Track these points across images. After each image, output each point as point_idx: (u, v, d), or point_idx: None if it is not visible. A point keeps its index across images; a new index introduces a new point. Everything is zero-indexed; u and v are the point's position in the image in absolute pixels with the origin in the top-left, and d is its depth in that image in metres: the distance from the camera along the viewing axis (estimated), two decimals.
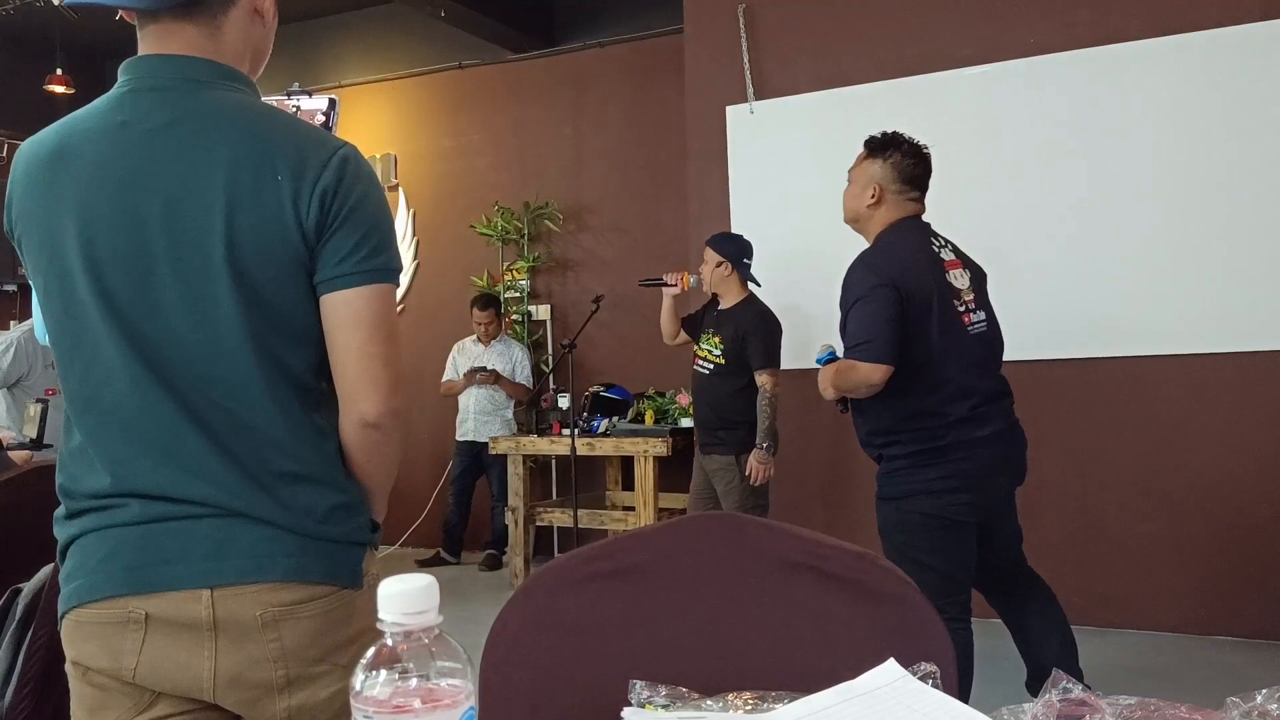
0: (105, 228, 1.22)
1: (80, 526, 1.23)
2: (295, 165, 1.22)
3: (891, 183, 2.87)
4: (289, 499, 1.23)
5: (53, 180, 1.24)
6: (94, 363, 1.23)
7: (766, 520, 1.15)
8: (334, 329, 1.25)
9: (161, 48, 1.27)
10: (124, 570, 1.20)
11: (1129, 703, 0.84)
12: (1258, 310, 4.26)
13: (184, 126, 1.23)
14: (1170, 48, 4.39)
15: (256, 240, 1.21)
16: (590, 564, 1.10)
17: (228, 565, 1.20)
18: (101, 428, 1.23)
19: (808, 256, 3.65)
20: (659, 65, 6.11)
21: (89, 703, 1.25)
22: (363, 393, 1.26)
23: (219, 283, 1.21)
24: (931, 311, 2.72)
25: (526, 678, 1.05)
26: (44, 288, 1.26)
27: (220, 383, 1.22)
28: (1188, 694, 0.91)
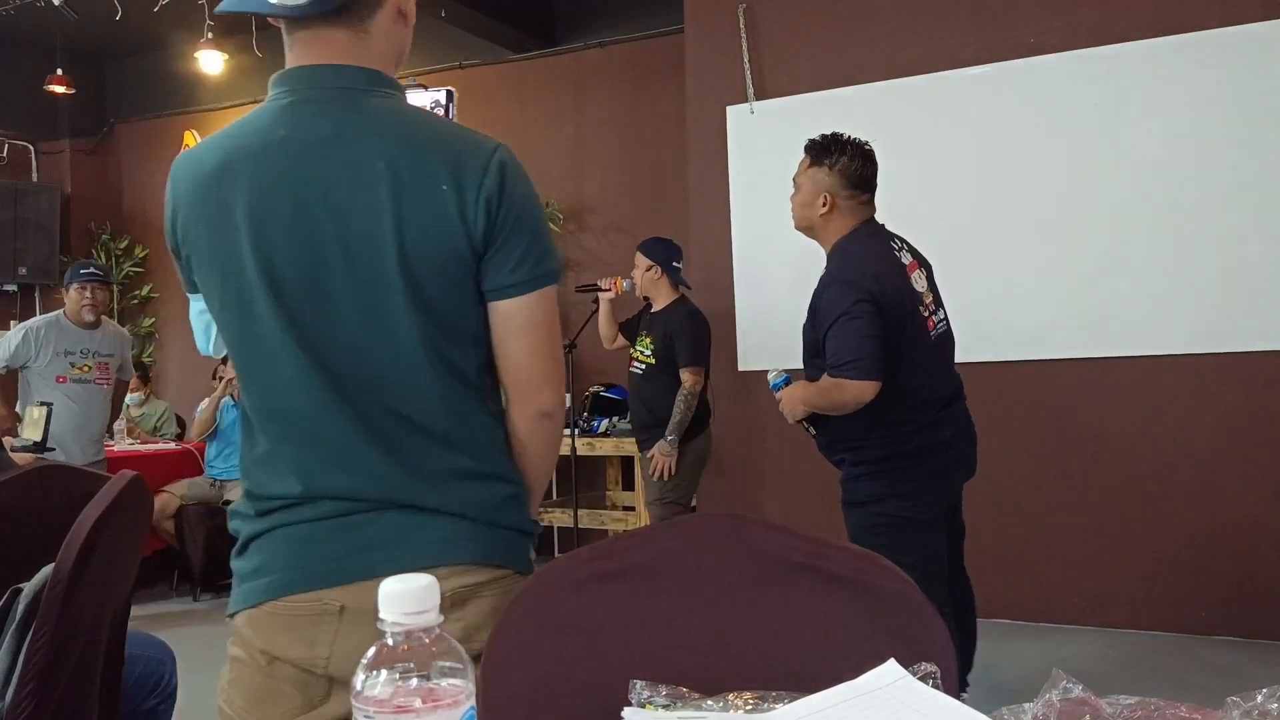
0: (280, 244, 1.24)
1: (270, 523, 1.28)
2: (456, 172, 1.24)
3: (841, 189, 2.83)
4: (466, 493, 1.29)
5: (221, 199, 1.25)
6: (275, 376, 1.26)
7: (767, 520, 1.15)
8: (510, 333, 1.31)
9: (314, 56, 1.29)
10: (319, 563, 1.25)
11: (1129, 703, 0.84)
12: (1258, 310, 4.26)
13: (345, 138, 1.25)
14: (1170, 48, 4.39)
15: (426, 249, 1.24)
16: (591, 564, 1.10)
17: (420, 550, 1.24)
18: (286, 437, 1.28)
19: (808, 257, 3.64)
20: (659, 65, 6.11)
21: (258, 692, 1.28)
22: (541, 387, 1.34)
23: (393, 292, 1.24)
24: (902, 320, 2.73)
25: (527, 678, 1.06)
26: (219, 304, 1.28)
27: (396, 389, 1.26)
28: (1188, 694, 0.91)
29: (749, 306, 5.21)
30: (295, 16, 1.27)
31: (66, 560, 1.43)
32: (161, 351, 8.02)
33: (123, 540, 1.63)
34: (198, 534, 5.57)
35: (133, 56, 7.89)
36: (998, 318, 4.69)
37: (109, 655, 1.70)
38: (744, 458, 5.24)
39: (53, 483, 1.83)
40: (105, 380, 4.88)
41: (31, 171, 7.82)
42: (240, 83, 7.38)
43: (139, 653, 2.04)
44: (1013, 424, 4.70)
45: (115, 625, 1.72)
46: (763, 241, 5.13)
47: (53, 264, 7.55)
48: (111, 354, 4.91)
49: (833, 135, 2.90)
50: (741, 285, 5.24)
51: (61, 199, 7.69)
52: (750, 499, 5.15)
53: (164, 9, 5.90)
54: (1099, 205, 4.52)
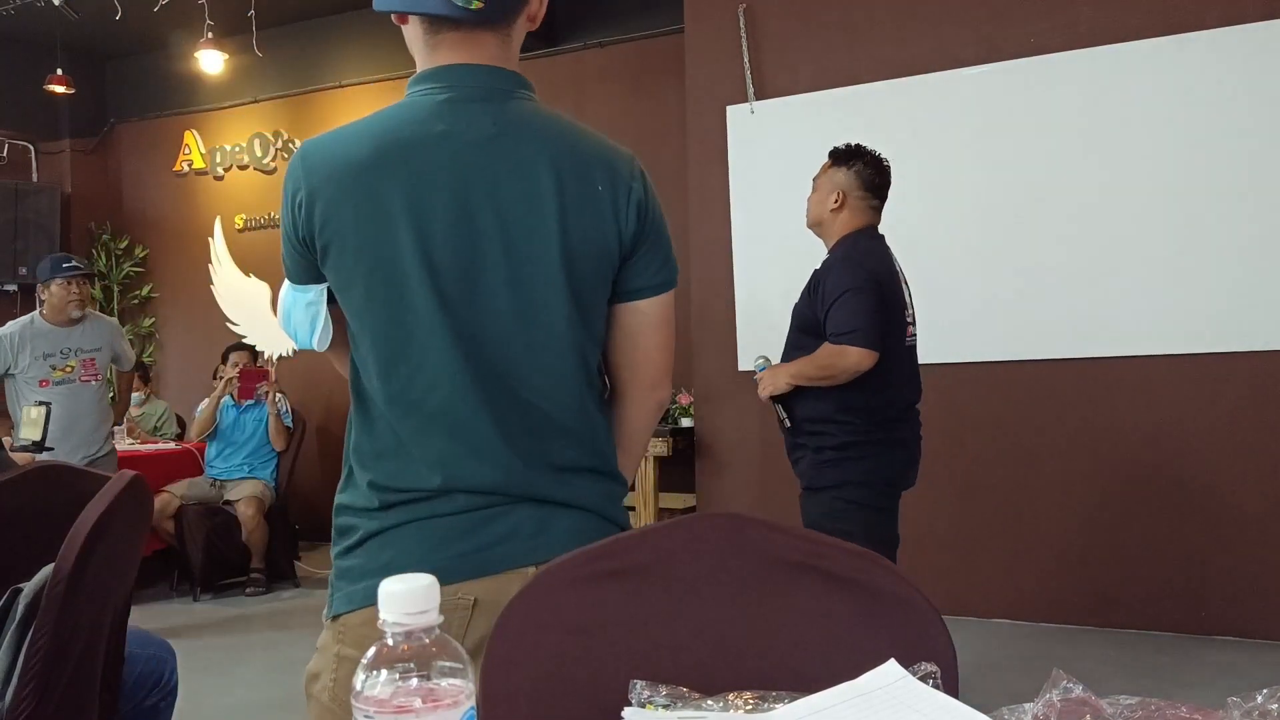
0: (441, 235, 1.25)
1: (399, 517, 1.28)
2: (610, 176, 1.31)
3: (854, 189, 3.01)
4: (589, 489, 1.33)
5: (375, 189, 1.25)
6: (422, 367, 1.27)
7: (767, 520, 1.15)
8: (648, 329, 1.38)
9: (467, 56, 1.30)
10: (457, 557, 1.25)
11: (1129, 703, 0.84)
12: (1259, 310, 4.27)
13: (507, 138, 1.28)
14: (1171, 48, 4.39)
15: (585, 248, 1.29)
16: (591, 564, 1.10)
17: (553, 541, 1.27)
18: (425, 430, 1.27)
19: (808, 256, 3.65)
20: (659, 65, 6.12)
21: None
22: (663, 379, 1.44)
23: (553, 289, 1.27)
24: (895, 315, 2.91)
25: (527, 677, 1.05)
26: (364, 293, 1.27)
27: (538, 384, 1.29)
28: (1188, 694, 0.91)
29: (749, 306, 5.21)
30: (455, 19, 1.28)
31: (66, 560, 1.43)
32: (161, 352, 8.02)
33: (123, 540, 1.64)
34: (198, 534, 5.57)
35: (133, 56, 7.89)
36: (997, 317, 4.69)
37: (109, 654, 1.70)
38: (744, 458, 5.24)
39: (53, 483, 1.83)
40: (92, 377, 4.73)
41: (31, 171, 7.82)
42: (240, 82, 7.38)
43: (139, 650, 2.04)
44: (1012, 423, 4.70)
45: (115, 625, 1.73)
46: (763, 241, 5.13)
47: None
48: (98, 348, 4.76)
49: (856, 145, 3.12)
50: (741, 285, 5.24)
51: (61, 199, 7.69)
52: (750, 499, 5.15)
53: (164, 9, 5.91)
54: (1099, 205, 4.52)
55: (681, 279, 5.11)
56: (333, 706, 1.30)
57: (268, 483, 5.87)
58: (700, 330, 5.38)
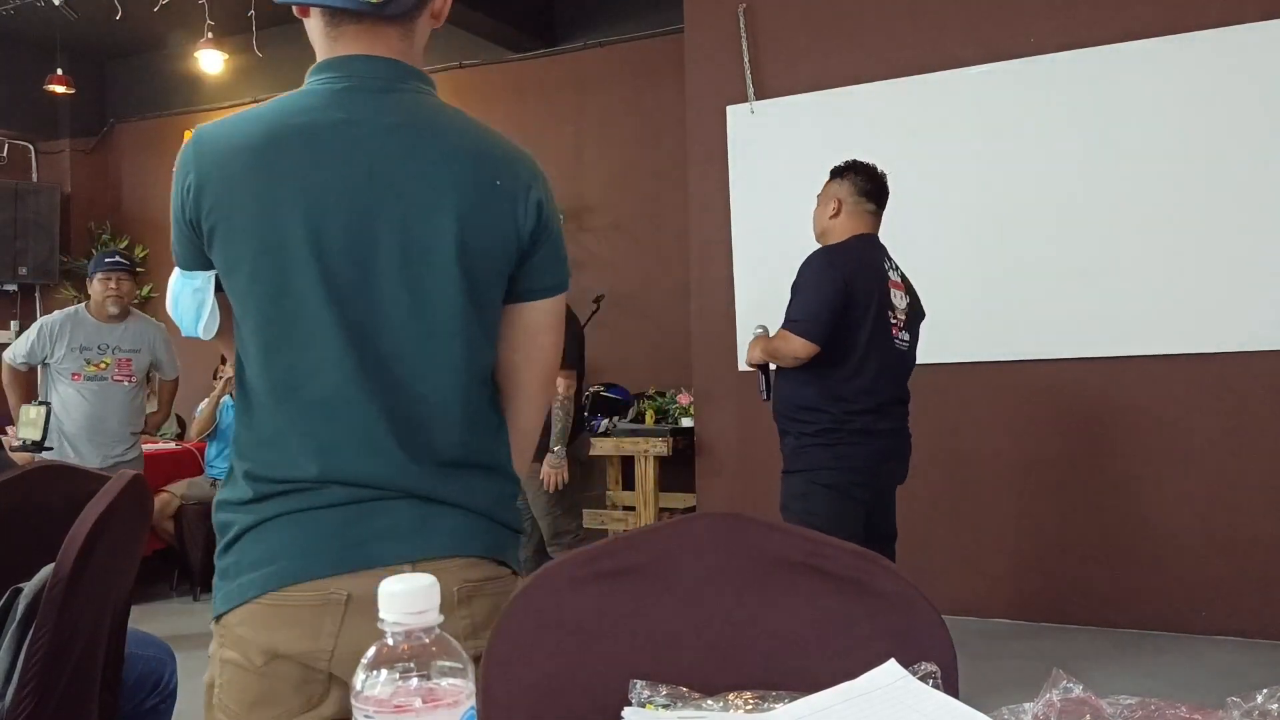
0: (334, 221, 1.23)
1: (274, 509, 1.24)
2: (510, 175, 1.30)
3: (849, 196, 3.20)
4: (475, 487, 1.30)
5: (268, 172, 1.23)
6: (306, 352, 1.24)
7: (767, 520, 1.15)
8: (541, 330, 1.38)
9: (367, 49, 1.29)
10: (329, 551, 1.22)
11: (1129, 703, 0.84)
12: (1259, 310, 4.27)
13: (410, 129, 1.27)
14: (1170, 48, 4.39)
15: (483, 244, 1.27)
16: (591, 564, 1.10)
17: (432, 541, 1.25)
18: (302, 416, 1.24)
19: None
20: (659, 65, 6.11)
21: (253, 695, 1.24)
22: (553, 381, 1.47)
23: (446, 282, 1.25)
24: (869, 313, 3.05)
25: (527, 677, 1.06)
26: (249, 277, 1.24)
27: (425, 378, 1.27)
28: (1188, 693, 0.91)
29: (749, 306, 5.20)
30: (357, 12, 1.27)
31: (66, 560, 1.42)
32: None
33: (123, 540, 1.64)
34: (198, 534, 5.57)
35: (133, 56, 7.89)
36: (998, 317, 4.69)
37: (109, 655, 1.70)
38: (744, 458, 5.24)
39: (53, 483, 1.83)
40: (126, 378, 4.62)
41: (31, 171, 7.82)
42: (240, 83, 7.38)
43: (139, 652, 2.04)
44: (1013, 423, 4.70)
45: (115, 625, 1.72)
46: (763, 241, 5.13)
47: (53, 264, 7.55)
48: (136, 349, 4.65)
49: (851, 160, 3.29)
50: (741, 285, 5.24)
51: (61, 199, 7.69)
52: (750, 499, 5.15)
53: (164, 9, 5.91)
54: (1099, 205, 4.52)
55: (681, 279, 5.11)
56: (220, 714, 1.27)
57: None
58: (700, 330, 5.38)
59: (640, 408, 5.76)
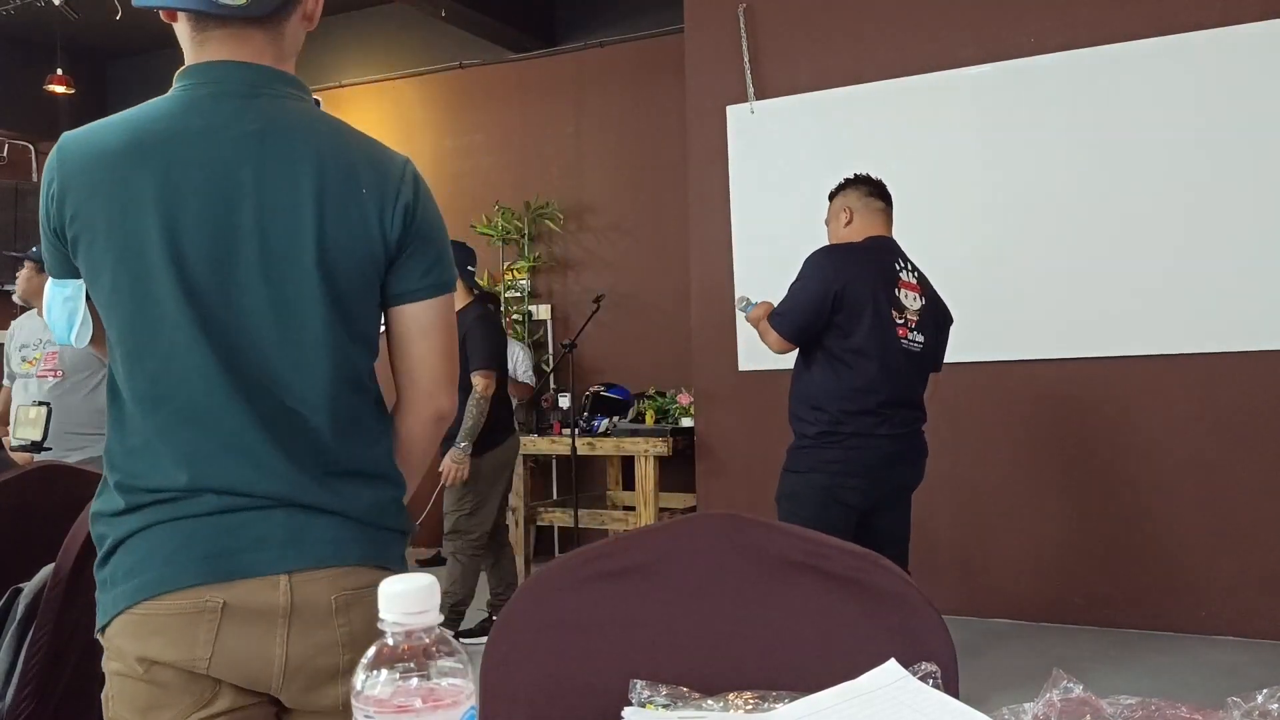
0: (193, 229, 1.23)
1: (144, 519, 1.23)
2: (376, 179, 1.29)
3: (857, 200, 3.24)
4: (353, 494, 1.29)
5: (126, 179, 1.23)
6: (170, 361, 1.23)
7: (767, 520, 1.15)
8: (416, 336, 1.35)
9: (233, 53, 1.29)
10: (201, 560, 1.21)
11: (1129, 702, 0.84)
12: (1259, 310, 4.26)
13: (271, 135, 1.26)
14: (1170, 48, 4.39)
15: (345, 249, 1.27)
16: (591, 564, 1.10)
17: (306, 551, 1.24)
18: (172, 425, 1.23)
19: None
20: (659, 65, 6.11)
21: (143, 701, 1.24)
22: (440, 389, 1.38)
23: (307, 289, 1.25)
24: (864, 314, 3.03)
25: (527, 677, 1.06)
26: (110, 285, 1.24)
27: (293, 385, 1.26)
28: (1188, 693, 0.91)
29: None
30: (222, 15, 1.27)
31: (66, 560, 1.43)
32: None
33: None
34: None
35: (133, 56, 7.89)
36: (998, 317, 4.69)
37: None
38: (744, 457, 5.24)
39: (53, 483, 1.83)
40: (49, 373, 4.25)
41: (31, 171, 7.81)
42: None
43: None
44: (1012, 423, 4.70)
45: None
46: (763, 241, 5.13)
47: None
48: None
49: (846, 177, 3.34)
50: (741, 285, 5.23)
51: None
52: (750, 499, 5.15)
53: None
54: (1098, 204, 4.52)
55: (681, 279, 5.10)
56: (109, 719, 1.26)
57: None
58: (700, 330, 5.38)
59: (640, 408, 5.76)
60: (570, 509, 5.33)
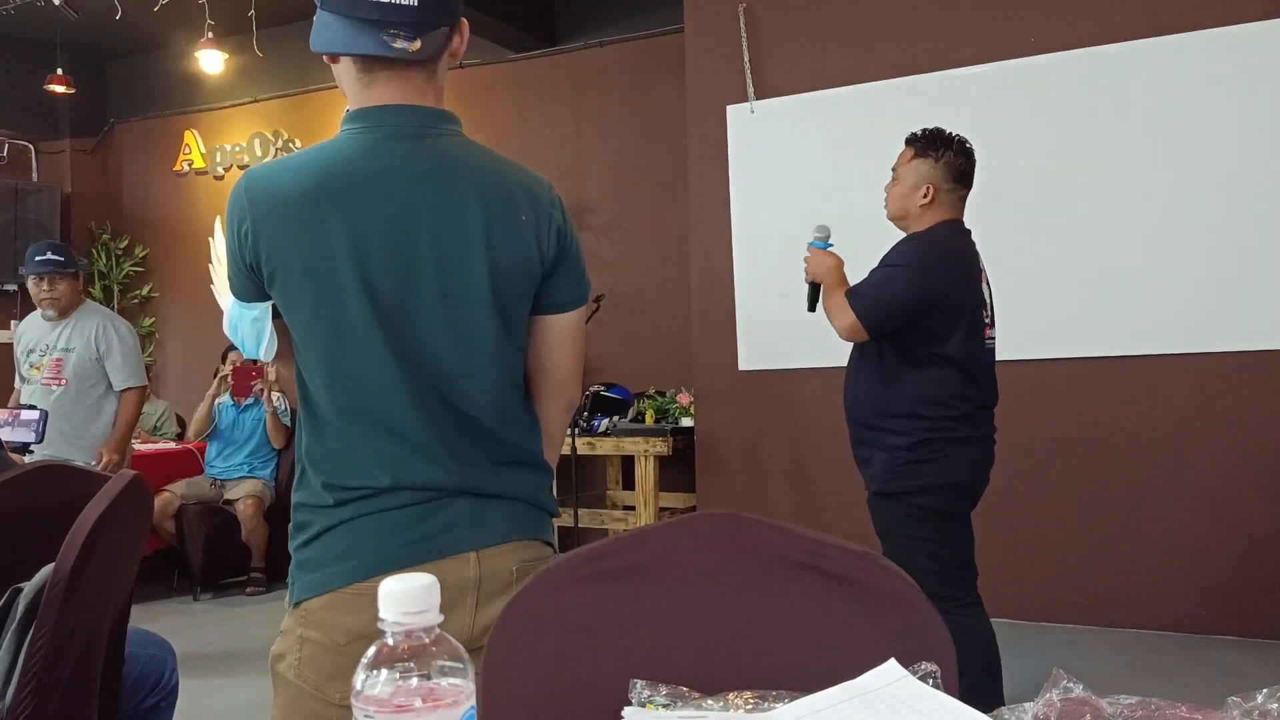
0: (379, 262, 1.37)
1: (352, 512, 1.40)
2: (531, 205, 1.45)
3: (945, 181, 2.84)
4: (520, 481, 1.48)
5: (315, 219, 1.37)
6: (365, 380, 1.39)
7: (767, 520, 1.15)
8: (560, 339, 1.54)
9: (397, 95, 1.42)
10: (405, 546, 1.38)
11: (1130, 702, 0.84)
12: (1259, 309, 4.27)
13: (440, 173, 1.41)
14: (1170, 48, 4.39)
15: (510, 270, 1.43)
16: (591, 564, 1.10)
17: (489, 530, 1.43)
18: (372, 434, 1.40)
19: None
20: (659, 65, 6.11)
21: (333, 669, 1.39)
22: (574, 383, 1.59)
23: (480, 307, 1.41)
24: (962, 316, 2.79)
25: (527, 677, 1.06)
26: (310, 314, 1.39)
27: (467, 394, 1.42)
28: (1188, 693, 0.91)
29: (749, 306, 5.21)
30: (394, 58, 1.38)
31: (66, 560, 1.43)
32: (161, 351, 8.02)
33: (123, 540, 1.64)
34: (198, 534, 5.57)
35: (133, 56, 7.89)
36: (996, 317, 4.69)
37: (109, 655, 1.70)
38: (744, 457, 5.24)
39: (53, 483, 1.83)
40: (54, 380, 4.16)
41: (31, 171, 7.81)
42: (240, 82, 7.38)
43: (139, 650, 2.04)
44: (1013, 423, 4.69)
45: (115, 625, 1.73)
46: (763, 241, 5.13)
47: None
48: (70, 348, 4.20)
49: (937, 129, 2.90)
50: (741, 285, 5.24)
51: (61, 199, 7.69)
52: (750, 499, 5.15)
53: (164, 9, 5.91)
54: (1099, 205, 4.52)
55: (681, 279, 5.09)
56: (298, 683, 1.42)
57: (268, 482, 5.87)
58: (700, 330, 5.38)
59: (640, 408, 5.75)
60: (570, 509, 5.32)
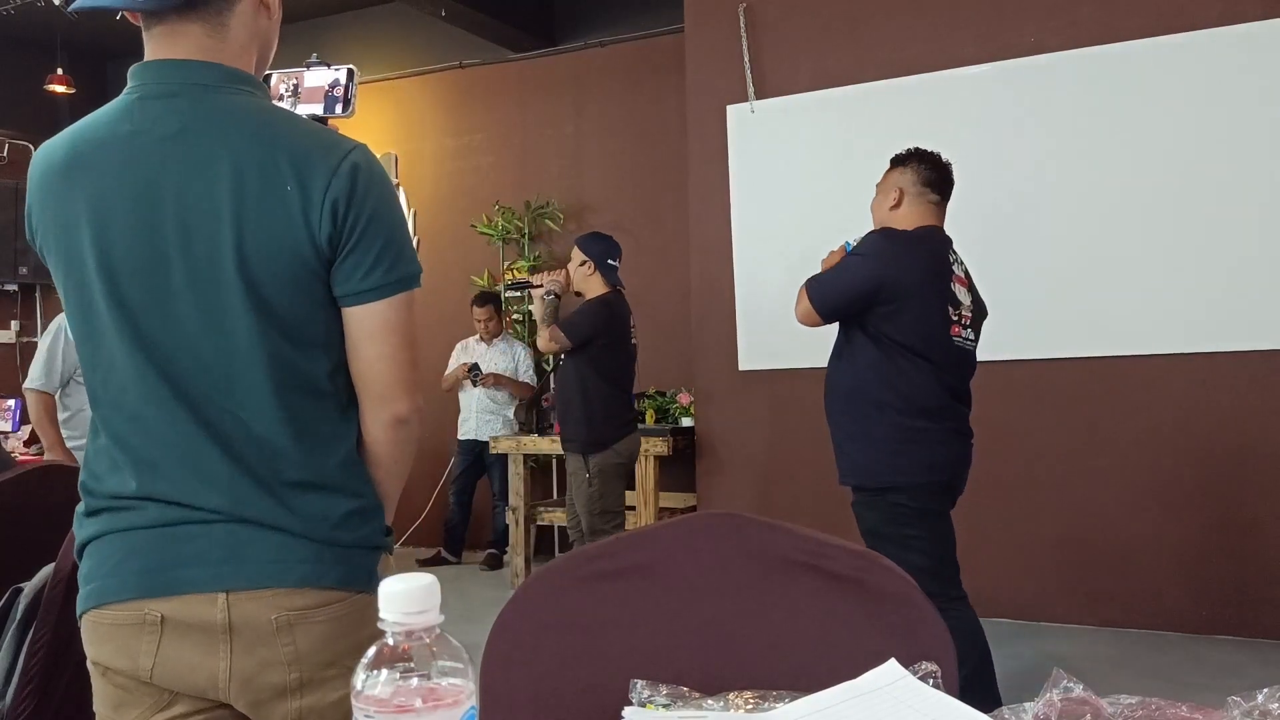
0: (119, 238, 1.21)
1: (98, 527, 1.25)
2: (303, 173, 1.21)
3: (911, 185, 3.03)
4: (302, 507, 1.24)
5: (66, 190, 1.24)
6: (112, 370, 1.24)
7: (767, 520, 1.14)
8: (363, 339, 1.28)
9: (168, 51, 1.26)
10: (140, 573, 1.21)
11: (1130, 702, 0.84)
12: (1258, 309, 4.26)
13: (191, 134, 1.22)
14: (1170, 47, 4.39)
15: (266, 251, 1.21)
16: (591, 564, 1.10)
17: (243, 570, 1.21)
18: (128, 431, 1.24)
19: (809, 255, 3.67)
20: (659, 65, 6.11)
21: (112, 700, 1.26)
22: (397, 393, 1.30)
23: (231, 294, 1.21)
24: (923, 308, 2.88)
25: (527, 677, 1.06)
26: (64, 296, 1.28)
27: (232, 392, 1.23)
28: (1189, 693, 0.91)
29: (749, 306, 5.20)
30: (150, 10, 1.24)
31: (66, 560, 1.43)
32: None
33: None
34: None
35: (133, 56, 7.86)
36: (997, 317, 4.65)
37: None
38: (744, 458, 5.24)
39: (53, 483, 1.83)
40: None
41: None
42: None
43: None
44: (1012, 423, 4.70)
45: None
46: (763, 241, 5.13)
47: None
48: None
49: (914, 147, 3.14)
50: (741, 285, 5.24)
51: None
52: (750, 499, 5.15)
53: None
54: (1099, 204, 4.52)
55: (681, 279, 5.07)
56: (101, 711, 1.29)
57: None
58: (700, 330, 5.38)
59: (640, 407, 5.75)
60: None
